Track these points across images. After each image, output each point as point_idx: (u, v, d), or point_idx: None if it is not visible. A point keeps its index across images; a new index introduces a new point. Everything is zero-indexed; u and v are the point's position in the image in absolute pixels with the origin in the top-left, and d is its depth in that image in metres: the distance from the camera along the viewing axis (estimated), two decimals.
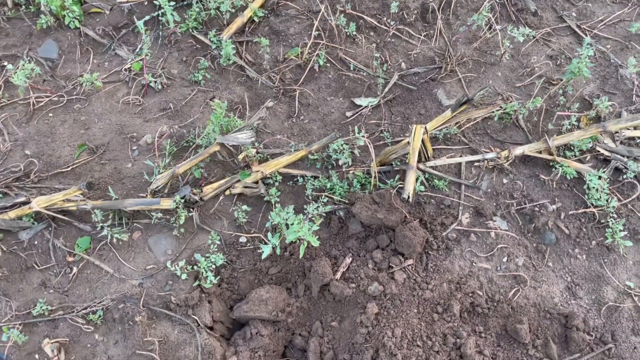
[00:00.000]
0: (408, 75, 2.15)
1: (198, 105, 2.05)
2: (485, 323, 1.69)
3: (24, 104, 2.05)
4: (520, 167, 1.90)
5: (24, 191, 1.84)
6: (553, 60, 2.19)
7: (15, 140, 1.96)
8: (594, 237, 1.79)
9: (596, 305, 1.72)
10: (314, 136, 2.01)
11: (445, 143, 1.97)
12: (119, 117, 2.01)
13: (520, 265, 1.76)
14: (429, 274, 1.72)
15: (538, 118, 2.02)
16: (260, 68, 2.16)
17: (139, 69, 2.11)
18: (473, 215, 1.82)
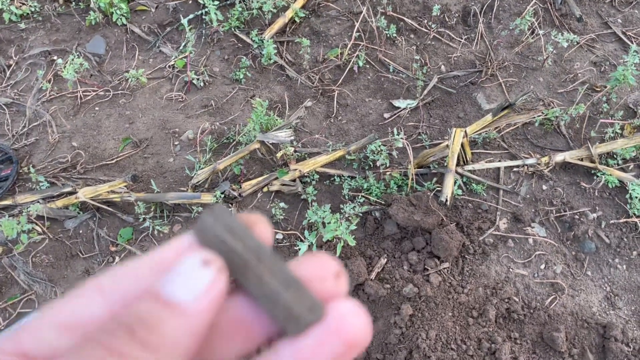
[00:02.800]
0: (448, 78, 2.15)
1: (238, 103, 2.09)
2: (520, 329, 1.68)
3: (71, 98, 2.13)
4: (561, 174, 1.88)
5: (71, 181, 1.90)
6: (597, 67, 2.16)
7: (63, 132, 2.03)
8: (635, 248, 1.76)
9: (636, 316, 1.69)
10: (351, 136, 2.02)
11: (484, 147, 1.96)
12: (162, 112, 2.07)
13: (558, 273, 1.74)
14: (464, 278, 1.72)
15: (580, 125, 1.99)
16: (300, 68, 2.18)
17: (182, 66, 2.16)
18: (511, 221, 1.81)
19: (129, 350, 0.31)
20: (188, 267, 0.36)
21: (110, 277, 0.39)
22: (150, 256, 0.39)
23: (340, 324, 0.37)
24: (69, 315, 0.37)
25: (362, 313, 0.39)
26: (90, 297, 0.38)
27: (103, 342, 0.31)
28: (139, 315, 0.33)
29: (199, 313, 0.35)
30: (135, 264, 0.39)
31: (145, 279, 0.38)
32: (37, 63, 2.24)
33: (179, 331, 0.34)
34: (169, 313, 0.33)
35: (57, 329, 0.37)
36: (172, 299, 0.34)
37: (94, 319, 0.37)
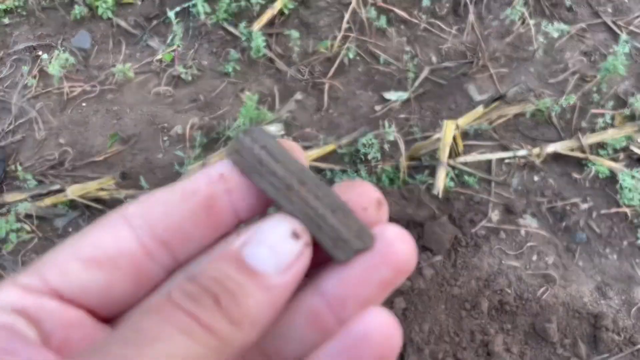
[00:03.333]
0: (439, 69, 2.14)
1: (228, 97, 2.07)
2: (513, 321, 1.69)
3: (58, 94, 2.09)
4: (552, 165, 1.89)
5: (59, 179, 1.88)
6: (587, 57, 2.16)
7: (50, 129, 2.00)
8: (626, 238, 1.77)
9: (626, 305, 1.70)
10: (342, 130, 2.01)
11: (475, 139, 1.95)
12: (150, 107, 2.04)
13: (550, 264, 1.74)
14: (457, 271, 1.72)
15: (571, 115, 1.99)
16: (290, 60, 2.16)
17: (170, 60, 2.13)
18: (503, 213, 1.81)
19: (216, 324, 0.28)
20: (276, 236, 0.33)
21: (137, 207, 0.35)
22: (181, 185, 0.36)
23: (389, 250, 0.35)
24: (95, 248, 0.34)
25: (409, 238, 0.37)
26: (116, 228, 0.35)
27: (187, 309, 0.28)
28: (225, 284, 0.30)
29: (283, 288, 0.32)
30: (164, 194, 0.35)
31: (178, 209, 0.35)
32: (22, 59, 2.20)
33: (264, 306, 0.31)
34: (254, 285, 0.31)
35: (83, 263, 0.34)
36: (258, 268, 0.31)
37: (123, 251, 0.35)
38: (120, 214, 0.36)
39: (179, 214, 0.35)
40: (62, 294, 0.34)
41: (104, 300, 0.35)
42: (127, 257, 0.35)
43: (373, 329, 0.33)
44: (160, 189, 0.36)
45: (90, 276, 0.34)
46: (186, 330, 0.27)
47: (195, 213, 0.35)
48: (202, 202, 0.35)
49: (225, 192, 0.36)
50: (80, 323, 0.34)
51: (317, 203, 0.35)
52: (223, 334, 0.28)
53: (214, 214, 0.36)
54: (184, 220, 0.35)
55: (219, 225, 0.37)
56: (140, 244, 0.35)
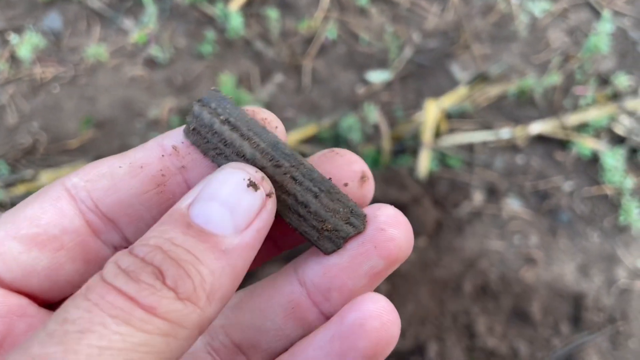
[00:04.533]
0: (421, 50, 2.10)
1: (205, 80, 2.02)
2: (496, 302, 1.69)
3: (29, 78, 2.02)
4: (535, 146, 1.88)
5: (33, 165, 1.82)
6: (570, 36, 2.14)
7: (22, 115, 1.94)
8: (607, 217, 1.78)
9: (607, 284, 1.71)
10: (324, 112, 1.97)
11: (458, 120, 1.93)
12: (125, 91, 1.98)
13: (532, 245, 1.74)
14: (440, 253, 1.71)
15: (554, 95, 1.98)
16: (269, 41, 2.11)
17: (145, 42, 2.07)
18: (486, 194, 1.80)
19: (160, 303, 0.23)
20: (229, 188, 0.27)
21: (81, 177, 0.31)
22: (129, 156, 0.32)
23: (381, 236, 0.32)
24: (35, 225, 0.30)
25: (404, 221, 0.33)
26: (57, 202, 0.31)
27: (121, 289, 0.23)
28: (169, 253, 0.25)
29: (244, 250, 0.27)
30: (111, 163, 0.32)
31: (125, 184, 0.31)
32: None
33: (222, 275, 0.25)
34: (207, 250, 0.25)
35: (23, 242, 0.30)
36: (210, 229, 0.26)
37: (67, 229, 0.31)
38: (61, 184, 0.31)
39: (127, 189, 0.31)
40: (2, 278, 0.30)
41: (49, 283, 0.31)
42: (72, 234, 0.31)
43: (369, 316, 0.30)
44: (106, 159, 0.32)
45: (31, 258, 0.30)
46: (121, 315, 0.23)
47: (143, 190, 0.31)
48: (151, 179, 0.31)
49: (178, 170, 0.32)
50: (23, 312, 0.30)
51: (296, 187, 0.30)
52: (171, 314, 0.23)
53: (166, 192, 0.32)
54: (131, 197, 0.31)
55: (169, 203, 0.32)
56: (85, 220, 0.31)
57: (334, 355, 0.29)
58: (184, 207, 0.28)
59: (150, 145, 0.32)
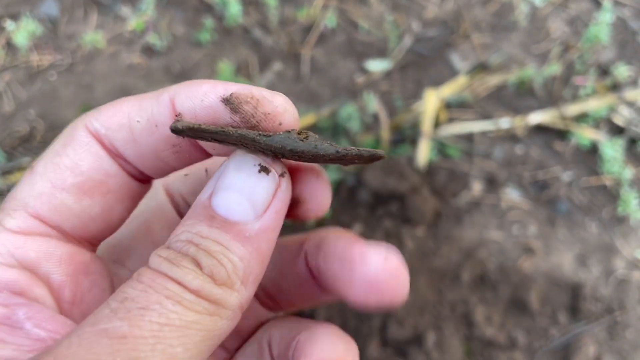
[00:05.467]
0: (421, 39, 2.09)
1: (204, 68, 2.00)
2: (494, 292, 1.69)
3: (26, 65, 2.01)
4: (534, 136, 1.87)
5: (30, 153, 1.81)
6: (571, 26, 2.13)
7: (18, 102, 1.92)
8: (606, 208, 1.78)
9: (605, 275, 1.72)
10: (323, 101, 1.96)
11: (458, 110, 1.93)
12: (122, 79, 1.97)
13: (531, 235, 1.74)
14: (438, 243, 1.71)
15: (554, 85, 1.97)
16: (268, 29, 2.10)
17: (143, 30, 2.05)
18: (485, 184, 1.80)
19: (203, 287, 0.25)
20: (243, 175, 0.29)
21: (102, 124, 0.32)
22: (144, 107, 0.32)
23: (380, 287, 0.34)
24: (77, 174, 0.30)
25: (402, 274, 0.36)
26: (92, 148, 0.31)
27: (169, 275, 0.25)
28: (200, 244, 0.27)
29: (267, 232, 0.29)
30: (129, 112, 0.32)
31: (144, 140, 0.31)
32: None
33: (250, 259, 0.27)
34: (233, 238, 0.27)
35: (72, 193, 0.30)
36: (232, 218, 0.28)
37: (109, 173, 0.31)
38: (84, 128, 0.32)
39: (145, 145, 0.32)
40: (64, 231, 0.30)
41: (105, 227, 0.32)
42: (115, 177, 0.31)
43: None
44: (125, 102, 0.32)
45: (84, 206, 0.30)
46: (174, 296, 0.24)
47: (159, 148, 0.32)
48: (167, 139, 0.32)
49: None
50: (86, 269, 0.30)
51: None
52: (214, 296, 0.25)
53: (181, 152, 0.33)
54: (149, 153, 0.32)
55: (186, 161, 0.34)
56: (119, 165, 0.32)
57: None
58: (206, 199, 0.29)
59: (164, 101, 0.32)
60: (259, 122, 0.32)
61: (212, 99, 0.31)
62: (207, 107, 0.31)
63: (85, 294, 0.30)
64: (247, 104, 0.32)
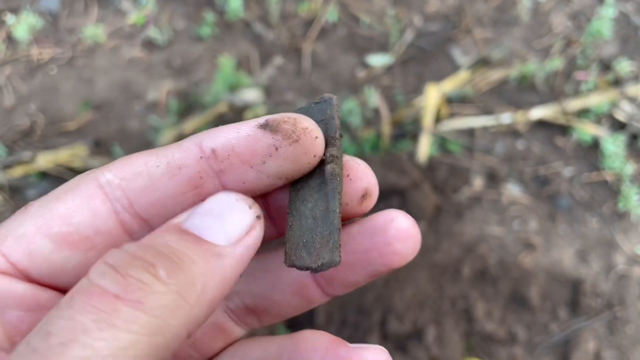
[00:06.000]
0: (423, 34, 2.08)
1: (204, 62, 2.00)
2: (494, 287, 1.69)
3: (27, 59, 2.00)
4: (535, 131, 1.87)
5: (31, 147, 1.81)
6: (573, 21, 2.12)
7: (19, 96, 1.92)
8: (607, 204, 1.77)
9: (605, 270, 1.72)
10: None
11: (459, 105, 1.92)
12: (123, 73, 1.97)
13: (532, 230, 1.74)
14: (439, 238, 1.71)
15: (555, 80, 1.96)
16: (269, 23, 2.09)
17: (143, 24, 2.04)
18: (486, 180, 1.80)
19: (145, 296, 0.23)
20: (223, 205, 0.29)
21: (115, 174, 0.31)
22: (166, 155, 0.31)
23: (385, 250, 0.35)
24: (67, 224, 0.30)
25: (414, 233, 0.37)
26: (91, 200, 0.31)
27: (107, 288, 0.23)
28: (163, 251, 0.25)
29: (235, 259, 0.28)
30: (146, 161, 0.31)
31: (162, 185, 0.31)
32: None
33: (213, 276, 0.26)
34: (201, 252, 0.26)
35: (54, 241, 0.30)
36: (206, 237, 0.27)
37: (100, 229, 0.31)
38: (94, 180, 0.31)
39: (164, 190, 0.31)
40: (29, 275, 0.30)
41: (74, 282, 0.31)
42: (105, 236, 0.31)
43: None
44: (140, 154, 0.31)
45: (62, 257, 0.30)
46: (105, 318, 0.22)
47: (180, 192, 0.32)
48: (189, 180, 0.32)
49: (215, 173, 0.32)
50: (52, 305, 0.29)
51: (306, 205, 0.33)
52: (159, 309, 0.23)
53: (202, 195, 0.32)
54: (167, 198, 0.32)
55: None
56: (119, 221, 0.31)
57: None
58: (180, 220, 0.29)
59: (188, 146, 0.32)
60: (299, 136, 0.32)
61: (248, 129, 0.32)
62: (244, 137, 0.31)
63: None
64: (286, 123, 0.32)
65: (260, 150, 0.31)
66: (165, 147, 0.32)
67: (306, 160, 0.33)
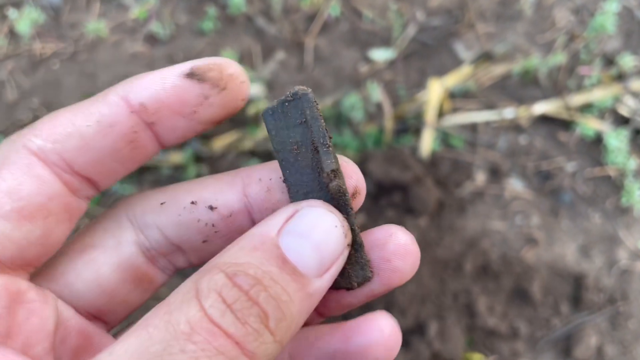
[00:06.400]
0: (425, 28, 2.08)
1: (207, 56, 1.99)
2: (496, 282, 1.69)
3: (29, 54, 2.00)
4: (538, 126, 1.86)
5: None
6: (576, 15, 2.11)
7: (21, 90, 1.92)
8: (609, 199, 1.77)
9: (608, 265, 1.71)
10: (326, 90, 1.96)
11: (462, 100, 1.92)
12: (126, 68, 1.96)
13: (534, 225, 1.74)
14: (441, 233, 1.71)
15: (558, 75, 1.96)
16: (271, 18, 2.09)
17: (146, 18, 2.04)
18: (488, 175, 1.80)
19: (259, 348, 0.24)
20: (322, 231, 0.28)
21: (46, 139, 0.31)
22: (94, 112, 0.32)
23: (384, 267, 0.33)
24: (19, 199, 0.30)
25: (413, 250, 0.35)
26: (33, 170, 0.31)
27: (228, 331, 0.24)
28: (268, 288, 0.25)
29: (321, 292, 0.28)
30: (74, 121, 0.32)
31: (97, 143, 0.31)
32: None
33: (302, 314, 0.27)
34: (297, 290, 0.26)
35: (10, 219, 0.29)
36: (301, 269, 0.27)
37: (51, 195, 0.31)
38: (24, 148, 0.30)
39: (99, 148, 0.31)
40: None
41: (44, 250, 0.31)
42: (56, 199, 0.30)
43: (375, 343, 0.32)
44: (63, 112, 0.31)
45: (24, 232, 0.29)
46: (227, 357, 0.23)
47: (116, 149, 0.31)
48: (123, 137, 0.31)
49: (148, 125, 0.32)
50: (22, 298, 0.29)
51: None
52: (266, 357, 0.25)
53: (138, 147, 0.32)
54: (104, 156, 0.31)
55: (144, 157, 0.34)
56: (62, 183, 0.31)
57: None
58: (274, 235, 0.28)
59: (114, 100, 0.32)
60: (226, 84, 0.32)
61: (173, 79, 0.31)
62: (171, 88, 0.31)
63: (22, 324, 0.28)
64: (211, 71, 0.32)
65: (190, 100, 0.31)
66: (89, 102, 0.32)
67: (235, 106, 0.33)
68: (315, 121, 0.33)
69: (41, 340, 0.28)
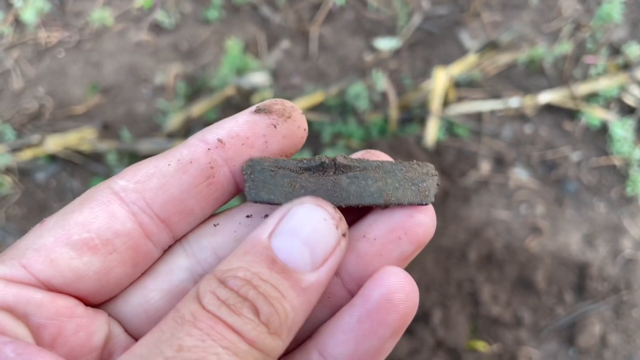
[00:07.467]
0: (431, 17, 2.07)
1: (212, 45, 1.99)
2: (500, 270, 1.70)
3: (34, 43, 2.00)
4: (544, 115, 1.86)
5: (39, 130, 1.82)
6: (583, 4, 2.10)
7: (27, 79, 1.93)
8: (614, 188, 1.77)
9: (612, 254, 1.72)
10: (331, 79, 1.95)
11: (467, 89, 1.91)
12: (131, 57, 1.96)
13: (539, 215, 1.74)
14: (446, 222, 1.71)
15: (564, 64, 1.95)
16: (276, 7, 2.08)
17: (150, 7, 2.04)
18: (493, 164, 1.80)
19: (259, 337, 0.26)
20: (310, 226, 0.29)
21: (128, 179, 0.32)
22: (175, 154, 0.33)
23: (409, 223, 0.35)
24: (87, 230, 0.31)
25: (429, 206, 0.36)
26: (108, 206, 0.32)
27: (227, 322, 0.26)
28: (259, 288, 0.27)
29: (318, 286, 0.29)
30: (157, 164, 0.32)
31: (176, 181, 0.32)
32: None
33: (300, 310, 0.28)
34: (289, 286, 0.28)
35: (74, 248, 0.31)
36: (291, 265, 0.28)
37: (119, 233, 0.31)
38: (107, 188, 0.32)
39: (178, 185, 0.32)
40: (51, 284, 0.31)
41: (98, 286, 0.32)
42: (124, 238, 0.31)
43: (394, 290, 0.32)
44: (148, 160, 0.32)
45: (84, 263, 0.31)
46: (231, 347, 0.25)
47: (194, 185, 0.33)
48: (201, 172, 0.33)
49: (225, 161, 0.34)
50: (71, 312, 0.30)
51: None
52: (265, 346, 0.26)
53: (215, 184, 0.33)
54: (182, 193, 0.32)
55: (221, 196, 0.35)
56: (137, 223, 0.32)
57: (365, 335, 0.32)
58: (265, 238, 0.29)
59: (193, 142, 0.34)
60: (290, 113, 0.35)
61: (244, 116, 0.34)
62: (244, 122, 0.34)
63: (69, 336, 0.30)
64: (275, 104, 0.35)
65: (261, 130, 0.33)
66: (171, 149, 0.33)
67: (300, 134, 0.35)
68: None
69: (86, 353, 0.30)
